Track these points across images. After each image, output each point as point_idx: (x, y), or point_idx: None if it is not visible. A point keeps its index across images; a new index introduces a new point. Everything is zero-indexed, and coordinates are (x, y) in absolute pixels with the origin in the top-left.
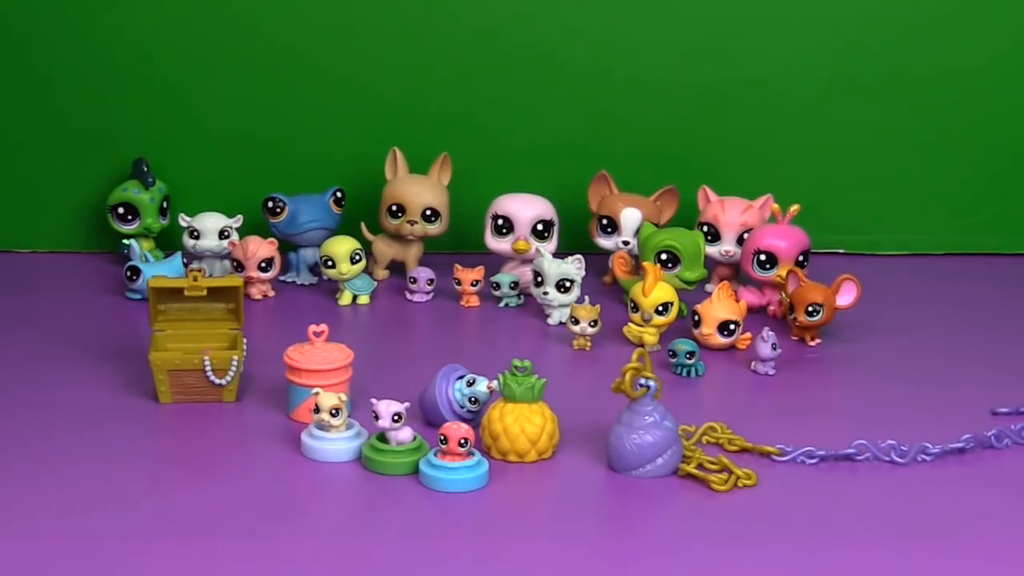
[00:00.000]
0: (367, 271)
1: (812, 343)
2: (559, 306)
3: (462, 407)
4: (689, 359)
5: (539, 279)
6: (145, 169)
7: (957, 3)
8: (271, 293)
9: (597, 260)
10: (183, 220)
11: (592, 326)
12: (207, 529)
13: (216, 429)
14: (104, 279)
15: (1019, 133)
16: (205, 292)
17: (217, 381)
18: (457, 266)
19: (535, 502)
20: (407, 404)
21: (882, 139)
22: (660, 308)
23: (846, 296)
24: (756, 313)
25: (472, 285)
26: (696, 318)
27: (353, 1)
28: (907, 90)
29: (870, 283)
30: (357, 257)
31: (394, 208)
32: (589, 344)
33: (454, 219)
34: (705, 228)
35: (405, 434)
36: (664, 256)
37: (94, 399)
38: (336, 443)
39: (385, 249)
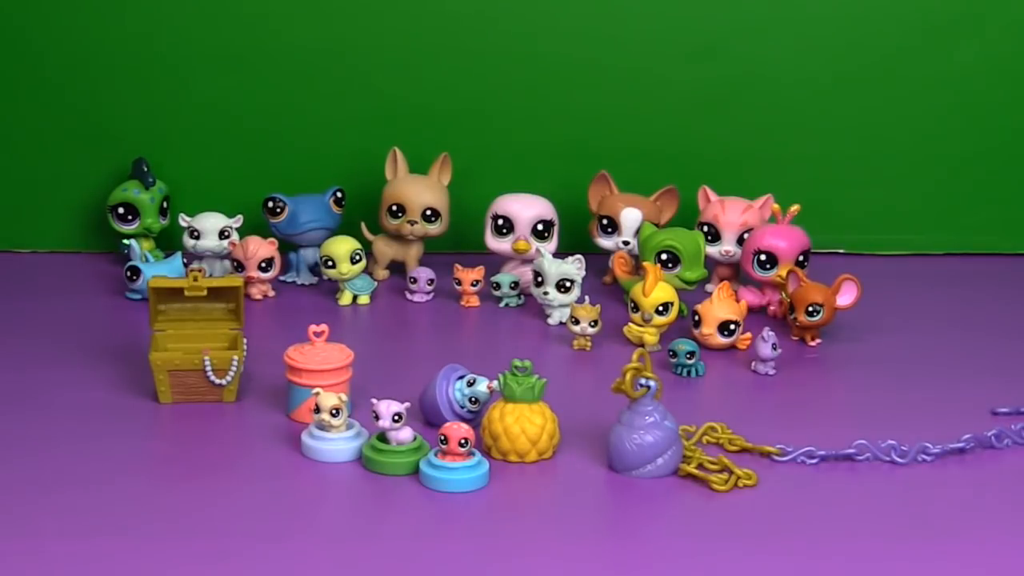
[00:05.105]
0: (367, 271)
1: (812, 343)
2: (559, 306)
3: (462, 407)
4: (689, 359)
5: (539, 279)
6: (145, 169)
7: (957, 3)
8: (271, 293)
9: (597, 260)
10: (183, 220)
11: (592, 326)
12: (207, 529)
13: (216, 429)
14: (104, 279)
15: (1019, 133)
16: (205, 292)
17: (217, 381)
18: (457, 266)
19: (535, 502)
20: (407, 404)
21: (882, 139)
22: (660, 308)
23: (846, 296)
24: (756, 313)
25: (472, 285)
26: (696, 318)
27: (353, 1)
28: (907, 90)
29: (870, 283)
30: (357, 257)
31: (394, 208)
32: (589, 344)
33: (454, 219)
34: (705, 228)
35: (405, 434)
36: (664, 256)
37: (94, 399)
38: (336, 443)
39: (385, 249)
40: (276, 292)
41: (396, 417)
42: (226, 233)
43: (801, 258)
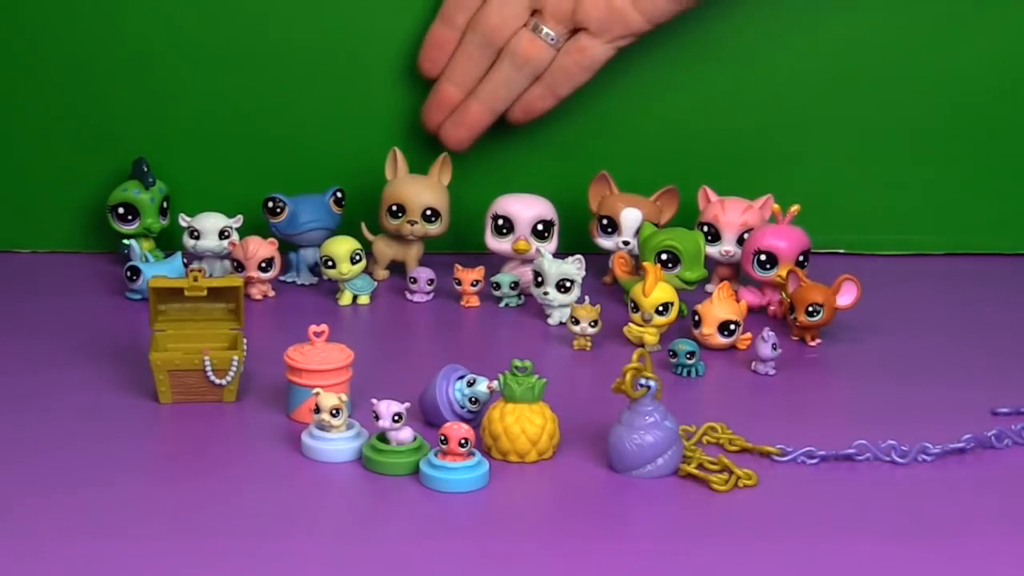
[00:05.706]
0: (367, 271)
1: (812, 343)
2: (559, 306)
3: (462, 407)
4: (689, 359)
5: (539, 279)
6: (145, 169)
7: (958, 3)
8: (271, 293)
9: (597, 260)
10: (183, 220)
11: (592, 326)
12: (207, 529)
13: (216, 429)
14: (104, 279)
15: (1020, 133)
16: (205, 292)
17: (217, 381)
18: (457, 266)
19: (535, 502)
20: (407, 404)
21: (882, 139)
22: (660, 308)
23: (846, 296)
24: (756, 313)
25: (472, 285)
26: (696, 318)
27: (353, 1)
28: (907, 90)
29: (870, 283)
30: (357, 257)
31: (394, 208)
32: (589, 344)
33: (454, 219)
34: (705, 228)
35: (405, 434)
36: (664, 256)
37: (94, 399)
38: (336, 443)
39: (385, 249)
40: (276, 292)
41: (396, 417)
42: (226, 233)
43: (801, 258)
